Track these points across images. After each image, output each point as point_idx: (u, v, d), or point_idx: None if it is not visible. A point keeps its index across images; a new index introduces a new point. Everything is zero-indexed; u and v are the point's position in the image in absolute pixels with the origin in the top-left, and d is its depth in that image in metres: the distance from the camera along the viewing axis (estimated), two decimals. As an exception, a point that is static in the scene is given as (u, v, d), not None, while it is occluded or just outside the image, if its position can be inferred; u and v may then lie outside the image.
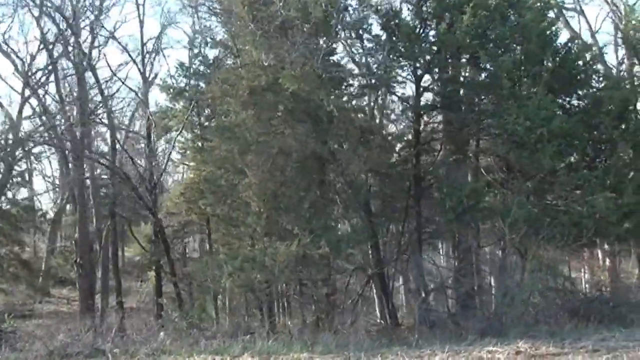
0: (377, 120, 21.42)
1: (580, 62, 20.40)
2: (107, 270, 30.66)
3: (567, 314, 17.52)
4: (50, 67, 29.09)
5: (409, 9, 20.69)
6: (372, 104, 21.08)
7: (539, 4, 20.07)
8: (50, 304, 36.15)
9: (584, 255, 31.85)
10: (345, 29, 20.93)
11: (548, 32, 20.25)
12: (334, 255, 17.44)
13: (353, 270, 21.72)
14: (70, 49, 27.50)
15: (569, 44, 20.77)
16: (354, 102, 19.97)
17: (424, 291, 18.27)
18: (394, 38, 20.39)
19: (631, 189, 18.04)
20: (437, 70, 21.31)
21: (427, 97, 21.90)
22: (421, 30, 20.67)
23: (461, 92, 21.07)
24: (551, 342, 14.17)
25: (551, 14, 20.95)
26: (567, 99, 20.54)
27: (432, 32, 20.64)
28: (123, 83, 29.76)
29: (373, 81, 20.60)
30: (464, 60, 20.56)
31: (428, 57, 20.64)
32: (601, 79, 21.08)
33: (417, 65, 20.80)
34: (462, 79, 20.86)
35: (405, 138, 21.22)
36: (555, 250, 18.37)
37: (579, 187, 18.39)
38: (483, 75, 20.67)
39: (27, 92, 29.90)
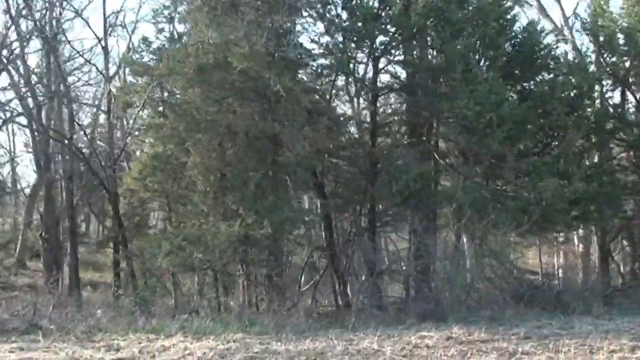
0: (333, 102, 21.17)
1: (539, 48, 20.25)
2: (76, 245, 30.43)
3: (512, 300, 17.45)
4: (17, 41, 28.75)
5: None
6: (323, 85, 20.76)
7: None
8: (26, 276, 35.93)
9: (558, 240, 32.20)
10: (304, 8, 20.78)
11: (507, 17, 20.18)
12: (278, 236, 17.28)
13: (312, 251, 21.71)
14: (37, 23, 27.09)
15: (529, 29, 20.54)
16: (308, 83, 19.64)
17: (367, 274, 18.11)
18: (353, 18, 20.23)
19: (579, 176, 17.96)
20: (394, 52, 21.18)
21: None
22: (380, 11, 20.50)
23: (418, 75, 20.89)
24: (486, 327, 14.21)
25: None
26: (525, 84, 20.39)
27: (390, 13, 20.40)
28: (80, 55, 29.54)
29: (330, 62, 20.41)
30: (420, 42, 20.30)
31: (386, 39, 20.51)
32: (559, 65, 20.85)
33: (375, 46, 20.63)
34: (418, 61, 20.56)
35: (360, 120, 21.12)
36: (505, 236, 18.27)
37: (529, 173, 18.28)
38: (438, 58, 20.42)
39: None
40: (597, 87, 22.03)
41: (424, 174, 17.84)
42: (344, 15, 20.54)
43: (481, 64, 19.54)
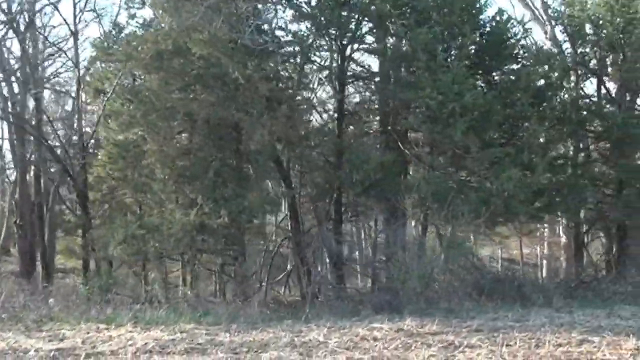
0: (300, 90, 20.86)
1: (507, 37, 20.01)
2: (54, 232, 30.18)
3: (473, 292, 17.29)
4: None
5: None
6: (291, 73, 20.45)
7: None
8: (9, 263, 35.73)
9: (542, 231, 32.17)
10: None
11: (476, 5, 19.95)
12: (236, 226, 17.06)
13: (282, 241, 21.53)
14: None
15: (498, 19, 20.30)
16: (273, 71, 19.30)
17: (327, 265, 17.93)
18: (320, 5, 19.97)
19: (542, 167, 17.78)
20: (362, 40, 20.97)
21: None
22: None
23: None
24: (441, 320, 14.04)
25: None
26: (493, 74, 20.17)
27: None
28: (45, 37, 29.09)
29: (296, 49, 20.15)
30: (386, 30, 20.07)
31: (352, 26, 20.27)
32: (527, 55, 20.62)
33: (342, 34, 20.39)
34: (384, 49, 20.31)
35: (325, 109, 20.92)
36: (468, 226, 18.09)
37: (493, 164, 18.09)
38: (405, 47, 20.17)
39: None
40: (572, 78, 21.90)
41: (385, 164, 17.59)
42: (313, 1, 20.32)
43: (447, 53, 19.28)
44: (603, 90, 22.55)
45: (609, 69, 21.90)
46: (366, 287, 20.13)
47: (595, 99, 22.78)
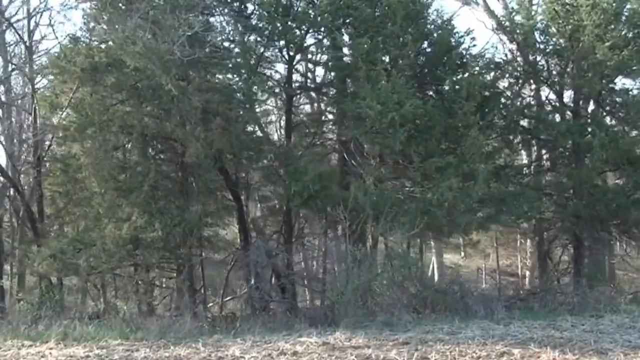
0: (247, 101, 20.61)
1: (452, 46, 19.82)
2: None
3: (417, 304, 17.09)
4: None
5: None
6: (237, 85, 20.21)
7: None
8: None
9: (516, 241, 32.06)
10: (220, 6, 20.40)
11: (423, 16, 19.75)
12: (171, 239, 16.78)
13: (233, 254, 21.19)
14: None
15: (444, 28, 20.13)
16: (213, 83, 19.05)
17: (257, 278, 17.62)
18: (266, 16, 19.77)
19: (483, 177, 17.58)
20: (307, 51, 20.83)
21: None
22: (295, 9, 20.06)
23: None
24: (373, 333, 13.87)
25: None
26: (438, 83, 19.97)
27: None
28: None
29: (241, 61, 19.93)
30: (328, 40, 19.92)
31: (298, 38, 20.10)
32: (474, 63, 20.49)
33: (289, 45, 20.23)
34: (328, 60, 20.18)
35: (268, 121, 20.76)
36: (408, 238, 17.92)
37: (434, 173, 17.86)
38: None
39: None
40: (516, 86, 21.79)
41: (323, 175, 17.36)
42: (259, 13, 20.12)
43: (390, 63, 19.14)
44: (554, 98, 22.42)
45: (560, 78, 21.63)
46: (313, 301, 19.82)
47: (548, 107, 22.64)
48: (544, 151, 23.10)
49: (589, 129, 19.98)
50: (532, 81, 22.36)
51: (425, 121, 17.86)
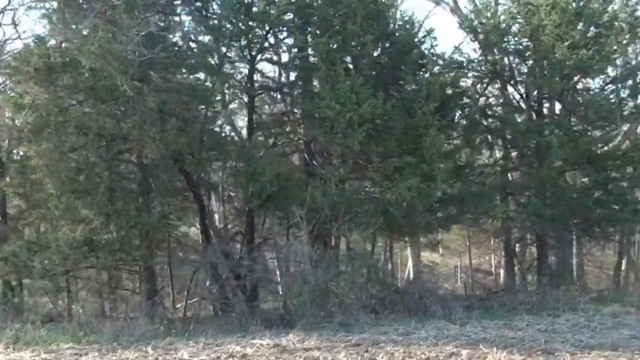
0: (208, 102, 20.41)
1: (413, 46, 19.78)
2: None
3: (377, 305, 17.02)
4: None
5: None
6: (200, 85, 20.00)
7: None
8: None
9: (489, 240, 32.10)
10: (181, 5, 20.23)
11: (384, 16, 19.67)
12: (126, 241, 16.60)
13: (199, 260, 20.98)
14: None
15: (405, 27, 20.07)
16: (171, 83, 18.85)
17: (213, 280, 17.49)
18: (227, 16, 19.63)
19: (441, 177, 17.55)
20: (269, 51, 20.71)
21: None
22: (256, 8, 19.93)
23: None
24: (327, 334, 13.82)
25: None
26: (399, 83, 19.88)
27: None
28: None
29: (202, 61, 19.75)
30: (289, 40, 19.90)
31: (259, 38, 20.02)
32: (434, 63, 20.47)
33: (250, 45, 20.12)
34: (289, 60, 20.10)
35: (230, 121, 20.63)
36: (374, 238, 17.87)
37: (393, 173, 17.81)
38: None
39: None
40: (479, 86, 21.82)
41: (282, 175, 17.23)
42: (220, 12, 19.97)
43: (353, 62, 19.08)
44: (517, 97, 22.45)
45: (523, 77, 21.65)
46: (275, 302, 19.65)
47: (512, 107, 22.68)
48: (508, 151, 23.09)
49: (549, 129, 19.95)
50: (497, 80, 22.42)
51: (385, 121, 17.82)
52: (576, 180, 23.56)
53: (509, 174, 22.51)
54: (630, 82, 20.44)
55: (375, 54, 19.62)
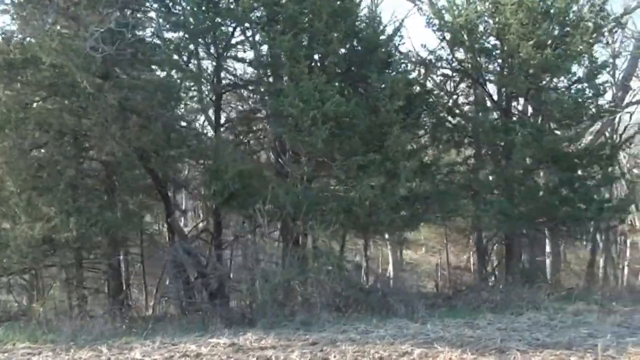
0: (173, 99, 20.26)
1: (379, 44, 19.72)
2: None
3: (341, 303, 16.96)
4: None
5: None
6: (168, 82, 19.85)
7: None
8: None
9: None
10: (147, 1, 20.15)
11: (351, 14, 19.59)
12: (86, 239, 16.45)
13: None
14: None
15: (371, 25, 20.02)
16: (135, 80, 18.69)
17: (174, 278, 17.39)
18: (194, 12, 19.51)
19: (405, 176, 17.51)
20: (236, 48, 20.64)
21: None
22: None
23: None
24: (283, 333, 13.74)
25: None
26: (367, 81, 19.81)
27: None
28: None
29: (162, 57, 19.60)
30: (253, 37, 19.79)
31: (226, 35, 19.94)
32: (402, 61, 20.44)
33: (217, 42, 20.04)
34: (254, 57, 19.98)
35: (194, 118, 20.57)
36: (334, 236, 17.81)
37: (357, 172, 17.77)
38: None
39: None
40: (447, 84, 21.81)
41: (244, 173, 17.15)
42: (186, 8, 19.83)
43: (319, 60, 19.03)
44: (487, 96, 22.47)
45: (490, 76, 21.69)
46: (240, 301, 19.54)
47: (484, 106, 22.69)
48: (479, 149, 23.10)
49: (514, 128, 19.95)
50: (466, 79, 22.43)
51: (349, 119, 17.77)
52: (548, 180, 23.56)
53: (476, 173, 22.42)
54: (595, 81, 20.45)
55: (343, 51, 19.55)
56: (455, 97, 22.54)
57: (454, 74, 22.05)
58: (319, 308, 15.96)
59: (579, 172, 20.92)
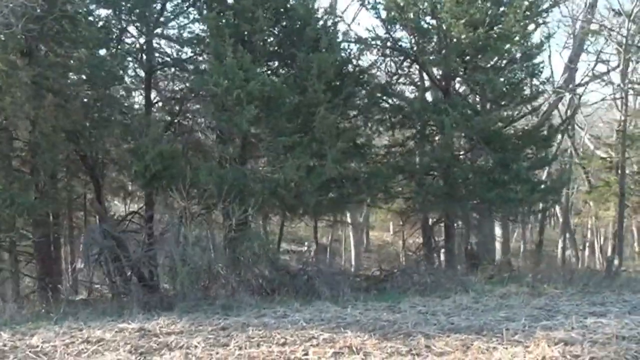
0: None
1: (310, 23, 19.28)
2: None
3: (266, 287, 16.71)
4: None
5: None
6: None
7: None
8: None
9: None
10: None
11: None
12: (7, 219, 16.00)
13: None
14: None
15: (302, 4, 19.56)
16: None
17: (88, 261, 16.93)
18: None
19: (332, 157, 17.18)
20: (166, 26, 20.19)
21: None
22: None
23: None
24: (196, 317, 13.41)
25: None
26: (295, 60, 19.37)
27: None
28: None
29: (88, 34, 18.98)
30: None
31: (156, 13, 19.48)
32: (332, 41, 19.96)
33: (147, 20, 19.54)
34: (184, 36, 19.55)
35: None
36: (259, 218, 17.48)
37: (284, 153, 17.42)
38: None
39: None
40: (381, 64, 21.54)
41: (165, 154, 16.70)
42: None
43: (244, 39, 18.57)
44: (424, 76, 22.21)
45: (426, 55, 21.36)
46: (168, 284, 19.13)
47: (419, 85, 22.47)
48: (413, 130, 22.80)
49: (445, 109, 19.69)
50: (402, 58, 22.12)
51: (275, 99, 17.37)
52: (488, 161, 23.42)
53: (412, 155, 22.17)
54: (529, 62, 20.27)
55: (275, 31, 19.17)
56: (395, 77, 22.19)
57: (393, 54, 21.65)
58: (241, 292, 15.65)
59: (514, 154, 20.69)
